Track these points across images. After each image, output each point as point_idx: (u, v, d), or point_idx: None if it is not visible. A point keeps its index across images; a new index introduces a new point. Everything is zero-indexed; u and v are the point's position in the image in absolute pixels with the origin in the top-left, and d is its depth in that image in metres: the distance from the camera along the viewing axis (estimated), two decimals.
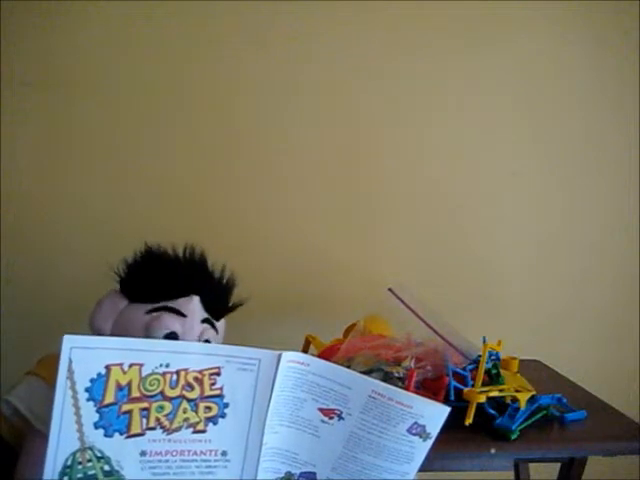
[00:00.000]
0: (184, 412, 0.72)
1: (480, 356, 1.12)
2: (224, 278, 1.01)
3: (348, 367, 0.94)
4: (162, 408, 0.71)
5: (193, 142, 1.54)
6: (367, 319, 1.25)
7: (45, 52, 1.46)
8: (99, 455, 0.69)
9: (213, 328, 0.97)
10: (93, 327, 0.95)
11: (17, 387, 0.93)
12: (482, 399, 1.06)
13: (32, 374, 0.94)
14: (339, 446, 0.79)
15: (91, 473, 0.69)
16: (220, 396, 0.74)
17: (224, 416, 0.74)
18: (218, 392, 0.73)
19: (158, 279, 0.95)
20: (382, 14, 1.55)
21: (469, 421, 1.05)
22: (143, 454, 0.71)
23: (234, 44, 1.52)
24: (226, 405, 0.74)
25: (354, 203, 1.61)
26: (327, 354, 1.16)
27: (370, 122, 1.59)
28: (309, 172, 1.58)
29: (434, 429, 0.78)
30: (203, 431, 0.73)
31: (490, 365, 1.17)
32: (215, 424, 0.74)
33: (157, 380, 0.71)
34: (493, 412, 1.09)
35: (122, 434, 0.70)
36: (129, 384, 0.69)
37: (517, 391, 1.12)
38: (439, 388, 1.09)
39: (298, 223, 1.58)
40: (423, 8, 1.56)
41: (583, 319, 1.72)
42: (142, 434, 0.70)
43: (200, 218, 1.52)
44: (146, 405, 0.70)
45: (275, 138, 1.56)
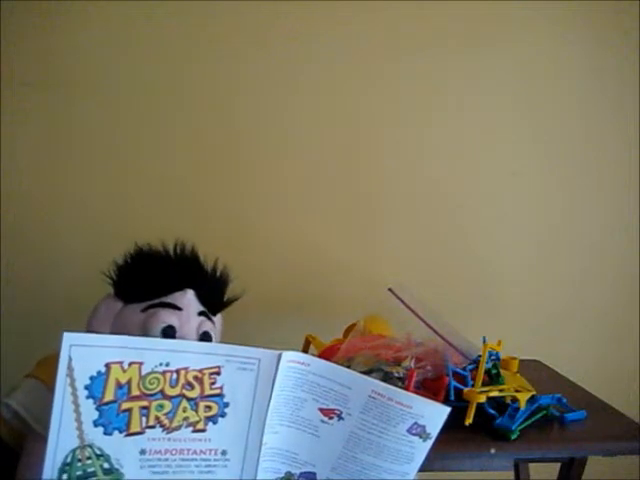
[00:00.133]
0: (184, 411, 0.72)
1: (480, 356, 1.12)
2: (217, 271, 1.01)
3: (348, 367, 0.94)
4: (162, 407, 0.71)
5: (193, 142, 1.54)
6: (367, 319, 1.25)
7: (45, 52, 1.46)
8: (98, 453, 0.69)
9: (210, 321, 0.97)
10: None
11: (17, 390, 0.93)
12: (482, 399, 1.06)
13: (31, 377, 0.94)
14: (339, 446, 0.79)
15: (90, 470, 0.69)
16: (220, 395, 0.73)
17: (224, 415, 0.74)
18: (218, 391, 0.73)
19: (150, 276, 0.95)
20: (382, 14, 1.55)
21: (469, 421, 1.05)
22: (143, 452, 0.71)
23: (234, 44, 1.52)
24: (226, 404, 0.74)
25: (354, 203, 1.61)
26: (327, 354, 1.16)
27: (370, 122, 1.59)
28: (309, 172, 1.58)
29: (434, 429, 0.78)
30: (203, 430, 0.73)
31: (490, 365, 1.17)
32: (215, 423, 0.73)
33: (157, 379, 0.70)
34: (493, 412, 1.09)
35: (122, 432, 0.69)
36: (129, 382, 0.69)
37: (517, 391, 1.12)
38: (439, 388, 1.09)
39: (298, 223, 1.58)
40: (423, 8, 1.56)
41: (583, 319, 1.72)
42: (142, 432, 0.70)
43: (200, 218, 1.52)
44: (146, 403, 0.70)
45: (275, 138, 1.56)
